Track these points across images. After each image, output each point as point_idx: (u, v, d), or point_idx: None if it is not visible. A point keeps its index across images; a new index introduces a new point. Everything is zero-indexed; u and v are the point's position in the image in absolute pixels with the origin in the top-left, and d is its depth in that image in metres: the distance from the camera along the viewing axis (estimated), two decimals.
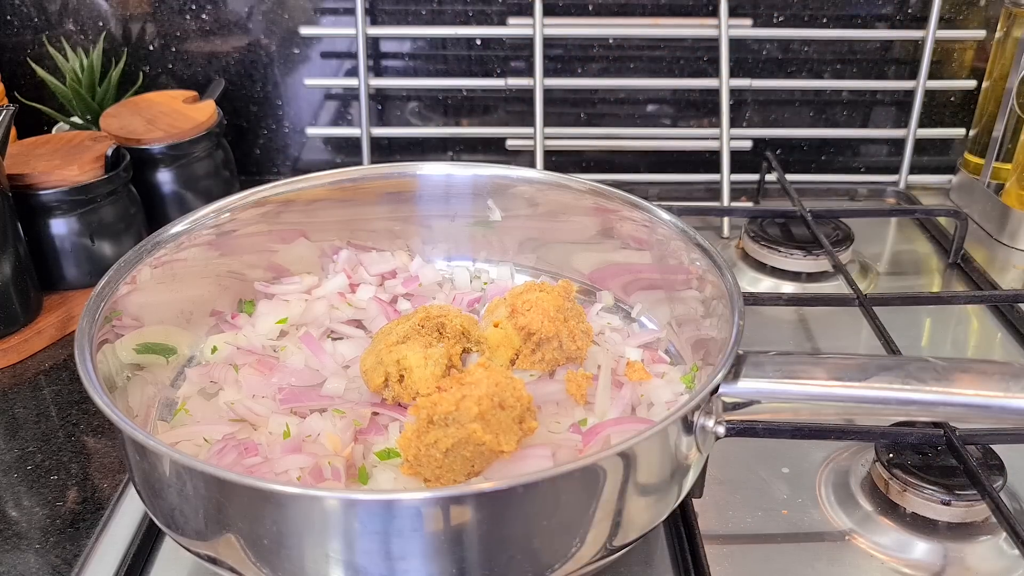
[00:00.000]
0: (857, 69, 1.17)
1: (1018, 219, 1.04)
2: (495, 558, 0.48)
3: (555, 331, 0.67)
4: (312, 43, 1.15)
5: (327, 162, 1.23)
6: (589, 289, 0.82)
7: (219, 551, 0.50)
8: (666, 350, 0.74)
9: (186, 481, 0.48)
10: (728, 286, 0.62)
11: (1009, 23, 1.06)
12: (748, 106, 1.19)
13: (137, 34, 1.14)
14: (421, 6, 1.13)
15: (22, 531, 0.65)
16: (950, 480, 0.64)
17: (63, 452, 0.73)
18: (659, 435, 0.50)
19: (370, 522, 0.46)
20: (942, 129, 1.20)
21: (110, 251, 0.89)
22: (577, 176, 0.79)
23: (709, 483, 0.65)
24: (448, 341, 0.67)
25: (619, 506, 0.50)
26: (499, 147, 1.19)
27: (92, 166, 0.87)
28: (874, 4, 1.13)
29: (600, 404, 0.65)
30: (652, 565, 0.62)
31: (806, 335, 0.88)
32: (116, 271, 0.64)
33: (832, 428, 0.67)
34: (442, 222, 0.84)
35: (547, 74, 1.11)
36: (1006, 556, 0.62)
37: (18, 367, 0.83)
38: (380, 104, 1.19)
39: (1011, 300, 0.88)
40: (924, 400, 0.54)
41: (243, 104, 1.18)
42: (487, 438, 0.54)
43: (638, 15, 1.12)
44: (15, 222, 0.82)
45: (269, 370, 0.69)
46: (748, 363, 0.56)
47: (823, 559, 0.62)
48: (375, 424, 0.64)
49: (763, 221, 1.02)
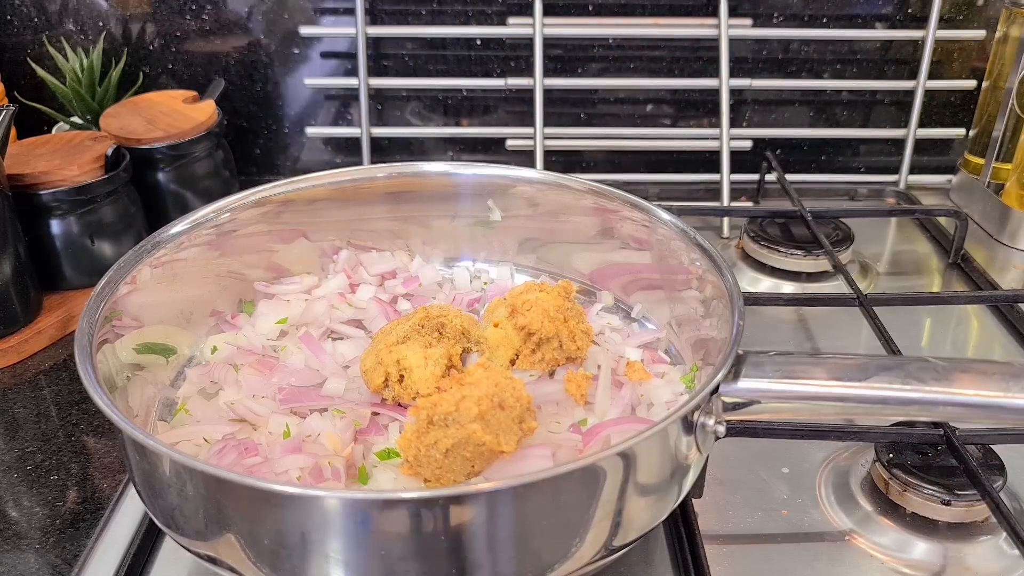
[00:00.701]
0: (857, 69, 1.17)
1: (1018, 219, 1.04)
2: (495, 558, 0.48)
3: (555, 331, 0.67)
4: (312, 43, 1.15)
5: (327, 162, 1.23)
6: (589, 289, 0.82)
7: (219, 551, 0.50)
8: (666, 350, 0.74)
9: (186, 481, 0.48)
10: (728, 286, 0.62)
11: (1009, 23, 1.06)
12: (748, 106, 1.19)
13: (137, 34, 1.14)
14: (421, 6, 1.13)
15: (22, 531, 0.65)
16: (950, 480, 0.64)
17: (63, 452, 0.73)
18: (659, 435, 0.50)
19: (370, 522, 0.46)
20: (942, 129, 1.20)
21: (110, 251, 0.89)
22: (577, 176, 0.79)
23: (709, 483, 0.65)
24: (448, 341, 0.67)
25: (619, 506, 0.50)
26: (499, 147, 1.19)
27: (92, 166, 0.87)
28: (874, 4, 1.13)
29: (600, 404, 0.65)
30: (652, 565, 0.62)
31: (806, 335, 0.88)
32: (116, 271, 0.64)
33: (832, 428, 0.67)
34: (442, 222, 0.84)
35: (547, 74, 1.11)
36: (1006, 556, 0.62)
37: (18, 367, 0.83)
38: (380, 104, 1.19)
39: (1011, 300, 0.88)
40: (924, 400, 0.54)
41: (243, 104, 1.18)
42: (487, 438, 0.54)
43: (638, 15, 1.12)
44: (15, 222, 0.82)
45: (269, 370, 0.69)
46: (748, 363, 0.56)
47: (823, 559, 0.62)
48: (375, 424, 0.64)
49: (763, 221, 1.02)
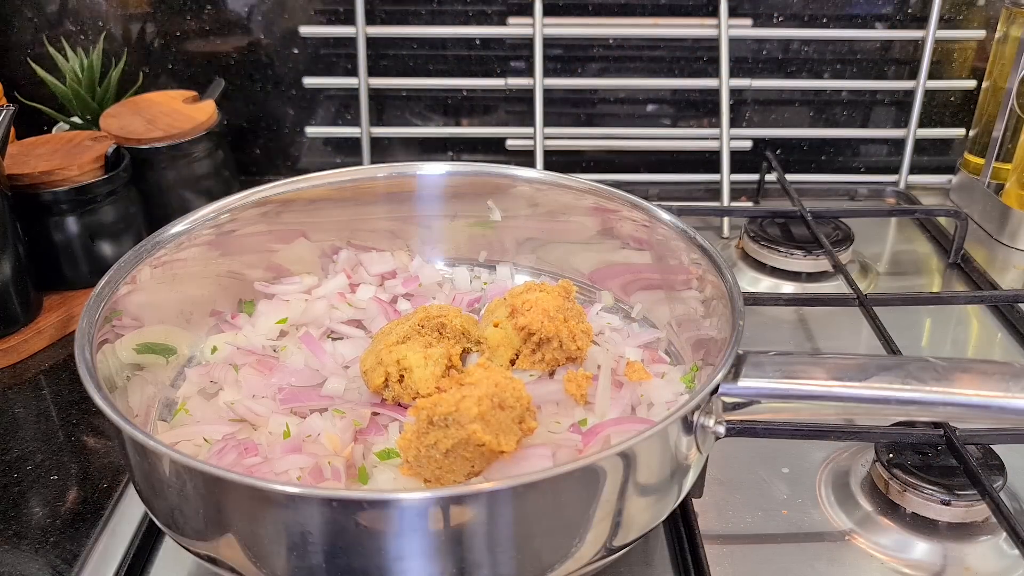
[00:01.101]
0: (857, 69, 1.17)
1: (1018, 219, 1.04)
2: (495, 558, 0.48)
3: (555, 331, 0.66)
4: (312, 43, 1.15)
5: (327, 162, 1.23)
6: (589, 289, 0.82)
7: (219, 551, 0.50)
8: (666, 350, 0.74)
9: (186, 481, 0.48)
10: (728, 286, 0.62)
11: (1009, 23, 1.06)
12: (748, 106, 1.19)
13: (137, 34, 1.14)
14: (421, 6, 1.13)
15: (22, 531, 0.65)
16: (950, 480, 0.64)
17: (63, 452, 0.73)
18: (659, 435, 0.50)
19: (370, 522, 0.46)
20: (942, 129, 1.20)
21: (110, 251, 0.89)
22: (577, 176, 0.79)
23: (709, 483, 0.65)
24: (448, 341, 0.67)
25: (619, 506, 0.50)
26: (499, 147, 1.19)
27: (92, 166, 0.87)
28: (874, 4, 1.13)
29: (600, 404, 0.65)
30: (652, 565, 0.62)
31: (806, 335, 0.88)
32: (116, 271, 0.64)
33: (832, 428, 0.67)
34: (442, 222, 0.84)
35: (547, 74, 1.11)
36: (1006, 556, 0.62)
37: (18, 367, 0.83)
38: (380, 104, 1.19)
39: (1011, 300, 0.88)
40: (924, 400, 0.54)
41: (243, 104, 1.18)
42: (487, 439, 0.54)
43: (638, 15, 1.12)
44: (15, 222, 0.82)
45: (269, 370, 0.69)
46: (748, 363, 0.56)
47: (823, 559, 0.62)
48: (375, 424, 0.64)
49: (763, 221, 1.02)
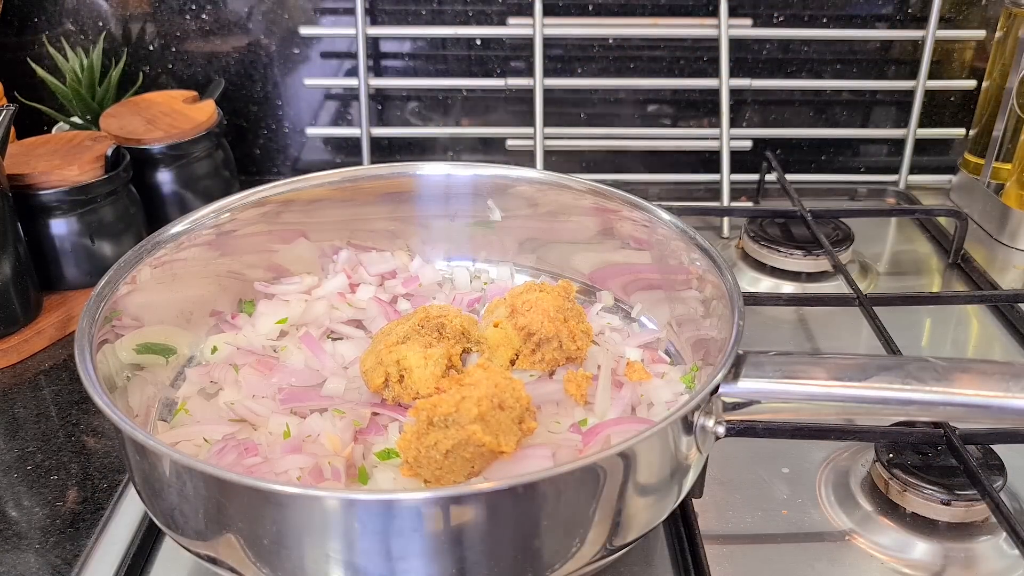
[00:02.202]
0: (857, 69, 1.17)
1: (1018, 219, 1.04)
2: (495, 558, 0.48)
3: (555, 331, 0.66)
4: (312, 43, 1.15)
5: (327, 162, 1.23)
6: (589, 289, 0.82)
7: (219, 551, 0.50)
8: (666, 350, 0.74)
9: (186, 481, 0.48)
10: (728, 286, 0.62)
11: (1009, 23, 1.06)
12: (748, 106, 1.19)
13: (137, 34, 1.14)
14: (421, 6, 1.13)
15: (22, 531, 0.65)
16: (950, 480, 0.64)
17: (63, 452, 0.73)
18: (659, 435, 0.50)
19: (370, 522, 0.46)
20: (942, 129, 1.20)
21: (110, 251, 0.89)
22: (577, 176, 0.79)
23: (709, 483, 0.65)
24: (448, 341, 0.67)
25: (619, 506, 0.50)
26: (499, 147, 1.19)
27: (92, 166, 0.87)
28: (874, 4, 1.13)
29: (600, 404, 0.65)
30: (652, 565, 0.62)
31: (806, 335, 0.88)
32: (116, 271, 0.64)
33: (832, 428, 0.67)
34: (442, 222, 0.84)
35: (547, 74, 1.11)
36: (1006, 556, 0.62)
37: (18, 367, 0.83)
38: (380, 104, 1.19)
39: (1011, 300, 0.88)
40: (924, 400, 0.54)
41: (243, 104, 1.18)
42: (487, 439, 0.54)
43: (638, 15, 1.12)
44: (15, 222, 0.82)
45: (269, 370, 0.69)
46: (748, 363, 0.56)
47: (823, 559, 0.62)
48: (375, 424, 0.64)
49: (763, 221, 1.02)
